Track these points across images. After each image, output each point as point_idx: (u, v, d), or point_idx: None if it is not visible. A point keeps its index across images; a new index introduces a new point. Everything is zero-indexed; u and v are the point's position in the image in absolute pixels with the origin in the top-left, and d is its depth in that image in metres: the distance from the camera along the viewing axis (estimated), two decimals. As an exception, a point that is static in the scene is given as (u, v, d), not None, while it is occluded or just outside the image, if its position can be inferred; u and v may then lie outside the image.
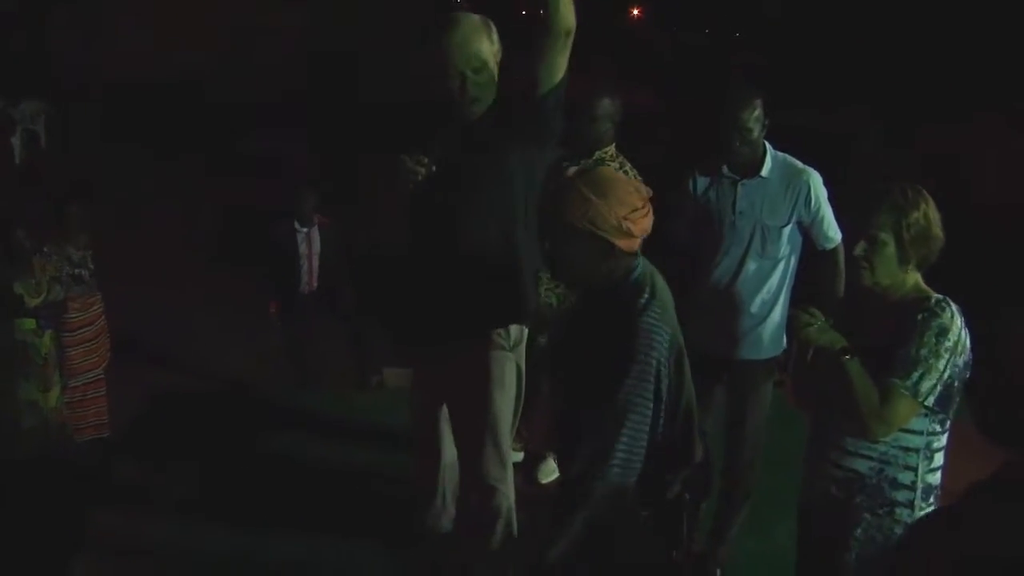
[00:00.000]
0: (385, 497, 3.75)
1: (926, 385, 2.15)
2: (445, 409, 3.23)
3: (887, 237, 2.21)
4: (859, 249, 2.25)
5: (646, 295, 2.16)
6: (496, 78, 2.76)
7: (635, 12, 24.74)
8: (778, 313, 3.23)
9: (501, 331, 2.91)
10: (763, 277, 3.17)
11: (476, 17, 2.75)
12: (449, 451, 3.33)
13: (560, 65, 2.62)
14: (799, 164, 3.15)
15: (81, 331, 4.42)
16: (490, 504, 3.05)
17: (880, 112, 9.14)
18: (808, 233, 3.18)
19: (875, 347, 2.22)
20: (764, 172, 3.10)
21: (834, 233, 3.19)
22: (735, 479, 3.41)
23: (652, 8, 23.84)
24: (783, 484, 3.84)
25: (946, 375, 2.17)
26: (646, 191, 2.21)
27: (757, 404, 3.30)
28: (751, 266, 3.15)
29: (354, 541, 3.53)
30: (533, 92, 2.66)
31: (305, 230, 5.44)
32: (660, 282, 2.23)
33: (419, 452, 3.37)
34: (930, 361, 2.15)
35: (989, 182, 8.34)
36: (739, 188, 3.12)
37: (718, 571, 3.46)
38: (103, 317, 4.58)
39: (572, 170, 2.20)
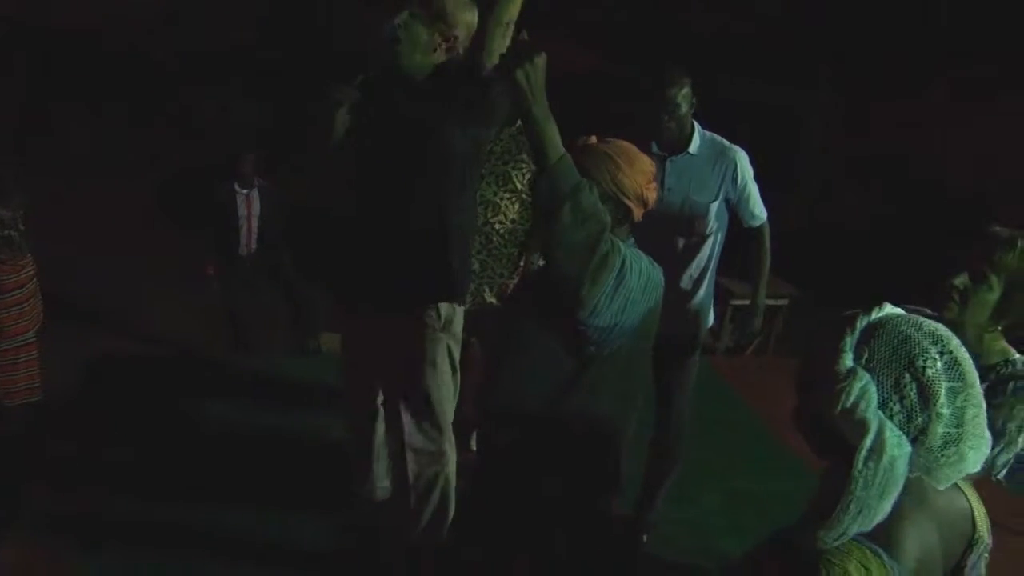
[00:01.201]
0: (322, 463, 3.78)
1: (1003, 459, 1.99)
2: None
3: (996, 282, 2.04)
4: (959, 281, 2.06)
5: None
6: (425, 40, 2.75)
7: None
8: (704, 289, 3.30)
9: (431, 311, 2.93)
10: (691, 253, 3.23)
11: None
12: (382, 424, 3.36)
13: (496, 50, 2.60)
14: (726, 142, 3.20)
15: (12, 294, 4.32)
16: (426, 475, 3.11)
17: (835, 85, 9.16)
18: (735, 211, 3.24)
19: None
20: (692, 149, 3.14)
21: (760, 211, 3.26)
22: (664, 449, 3.49)
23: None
24: (709, 454, 3.98)
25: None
26: (652, 163, 2.25)
27: (684, 377, 3.37)
28: (679, 242, 3.21)
29: (291, 507, 3.57)
30: (477, 73, 2.66)
31: (245, 192, 5.40)
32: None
33: (353, 423, 3.40)
34: (1014, 435, 1.97)
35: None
36: (668, 165, 3.15)
37: (644, 537, 3.56)
38: (35, 280, 4.49)
39: (591, 139, 2.22)
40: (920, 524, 1.33)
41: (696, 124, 3.16)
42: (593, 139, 2.23)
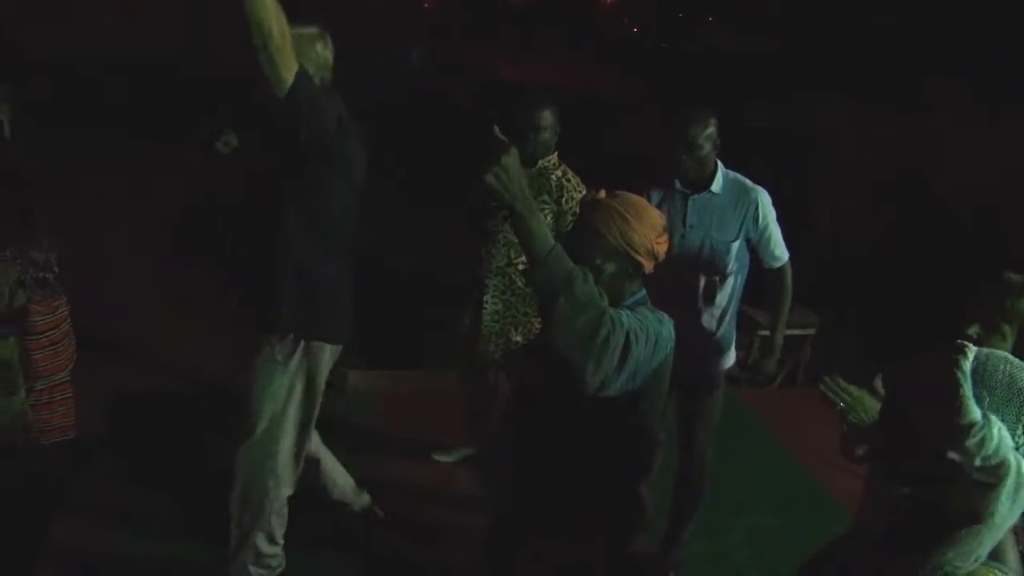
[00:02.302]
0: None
1: None
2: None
3: (1009, 331, 2.04)
4: (972, 330, 2.06)
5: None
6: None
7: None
8: (726, 328, 3.32)
9: (269, 336, 3.04)
10: (712, 292, 3.25)
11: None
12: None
13: (273, 76, 2.64)
14: (748, 182, 3.23)
15: (46, 334, 4.39)
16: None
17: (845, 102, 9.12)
18: (755, 251, 3.27)
19: None
20: (714, 188, 3.18)
21: (781, 252, 3.27)
22: (688, 485, 3.50)
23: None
24: (734, 487, 3.98)
25: None
26: (662, 216, 2.25)
27: (705, 414, 3.38)
28: (701, 281, 3.23)
29: (316, 546, 3.58)
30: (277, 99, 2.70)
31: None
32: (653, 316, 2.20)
33: None
34: None
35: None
36: (690, 203, 3.19)
37: (672, 574, 3.56)
38: (68, 320, 4.55)
39: (600, 193, 2.24)
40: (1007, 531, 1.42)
41: (719, 163, 3.20)
42: (602, 193, 2.24)
